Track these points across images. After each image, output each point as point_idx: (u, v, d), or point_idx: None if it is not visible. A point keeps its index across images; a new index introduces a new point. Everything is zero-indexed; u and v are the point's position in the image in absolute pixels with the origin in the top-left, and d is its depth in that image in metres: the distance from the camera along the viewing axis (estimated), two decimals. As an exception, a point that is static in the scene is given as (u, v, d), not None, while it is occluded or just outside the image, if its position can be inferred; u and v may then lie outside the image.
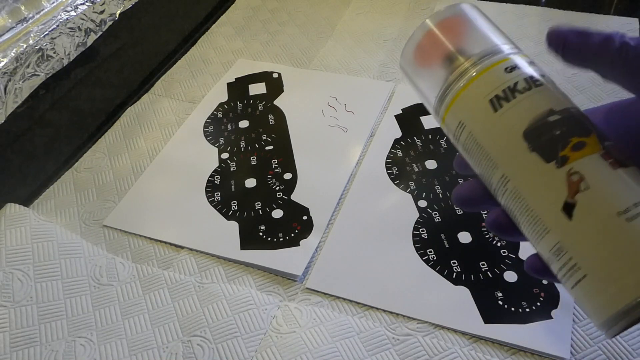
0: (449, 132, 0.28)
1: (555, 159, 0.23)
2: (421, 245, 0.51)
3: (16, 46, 0.53)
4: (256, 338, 0.45)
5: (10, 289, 0.47)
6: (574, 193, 0.23)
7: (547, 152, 0.24)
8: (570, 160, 0.23)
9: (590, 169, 0.23)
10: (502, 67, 0.26)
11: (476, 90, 0.26)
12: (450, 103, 0.27)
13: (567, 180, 0.23)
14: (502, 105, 0.25)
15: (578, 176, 0.23)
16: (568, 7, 0.79)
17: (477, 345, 0.44)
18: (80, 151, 0.64)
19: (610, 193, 0.22)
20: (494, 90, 0.25)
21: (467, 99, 0.26)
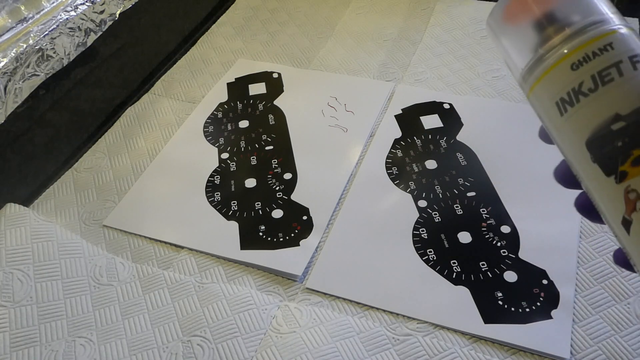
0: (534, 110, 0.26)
1: (614, 174, 0.22)
2: (421, 245, 0.51)
3: (16, 46, 0.53)
4: (256, 338, 0.45)
5: (10, 289, 0.47)
6: (631, 211, 0.22)
7: (607, 166, 0.23)
8: (629, 177, 0.22)
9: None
10: (569, 62, 0.23)
11: (545, 89, 0.24)
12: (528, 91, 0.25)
13: (624, 197, 0.22)
14: (567, 110, 0.23)
15: (635, 195, 0.22)
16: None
17: (477, 345, 0.44)
18: (80, 151, 0.64)
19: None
20: (560, 92, 0.24)
21: (539, 95, 0.25)
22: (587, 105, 0.23)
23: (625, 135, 0.22)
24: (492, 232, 0.52)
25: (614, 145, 0.22)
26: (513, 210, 0.53)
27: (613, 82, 0.23)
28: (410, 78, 0.71)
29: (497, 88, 0.68)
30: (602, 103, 0.23)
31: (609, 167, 0.22)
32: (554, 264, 0.48)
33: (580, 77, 0.23)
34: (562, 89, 0.24)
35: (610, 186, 0.22)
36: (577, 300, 0.47)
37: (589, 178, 0.24)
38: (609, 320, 0.45)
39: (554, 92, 0.24)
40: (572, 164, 0.24)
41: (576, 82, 0.23)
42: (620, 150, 0.22)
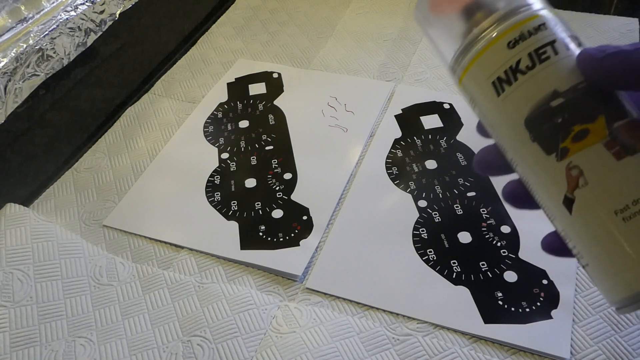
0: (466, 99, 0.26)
1: (555, 152, 0.22)
2: (421, 245, 0.51)
3: (16, 46, 0.53)
4: (256, 338, 0.45)
5: (10, 289, 0.47)
6: (574, 188, 0.22)
7: (547, 144, 0.22)
8: (570, 153, 0.22)
9: (590, 162, 0.22)
10: (505, 40, 0.23)
11: (480, 70, 0.24)
12: (460, 76, 0.25)
13: (566, 174, 0.22)
14: (504, 89, 0.23)
15: (577, 171, 0.22)
16: (568, 7, 0.79)
17: (477, 345, 0.44)
18: (80, 151, 0.64)
19: (609, 190, 0.21)
20: (496, 72, 0.23)
21: (473, 77, 0.24)
22: (524, 83, 0.23)
23: (565, 111, 0.22)
24: (492, 232, 0.52)
25: (553, 122, 0.22)
26: (513, 210, 0.53)
27: (549, 60, 0.23)
28: (410, 78, 0.71)
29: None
30: (540, 80, 0.23)
31: (550, 145, 0.22)
32: (554, 264, 0.48)
33: (517, 55, 0.23)
34: (498, 68, 0.23)
35: (551, 165, 0.22)
36: (577, 300, 0.47)
37: (527, 160, 0.23)
38: (609, 320, 0.45)
39: (489, 72, 0.24)
40: (509, 148, 0.24)
41: (513, 60, 0.23)
42: (560, 126, 0.22)
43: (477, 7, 0.24)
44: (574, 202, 0.22)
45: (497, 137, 0.25)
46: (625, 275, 0.21)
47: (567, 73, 0.22)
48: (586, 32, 0.74)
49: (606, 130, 0.21)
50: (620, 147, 0.21)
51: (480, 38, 0.24)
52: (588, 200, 0.22)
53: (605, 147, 0.21)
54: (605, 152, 0.21)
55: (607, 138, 0.21)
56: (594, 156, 0.21)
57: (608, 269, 0.22)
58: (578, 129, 0.22)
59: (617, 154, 0.21)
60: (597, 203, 0.21)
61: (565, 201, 0.22)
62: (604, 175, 0.21)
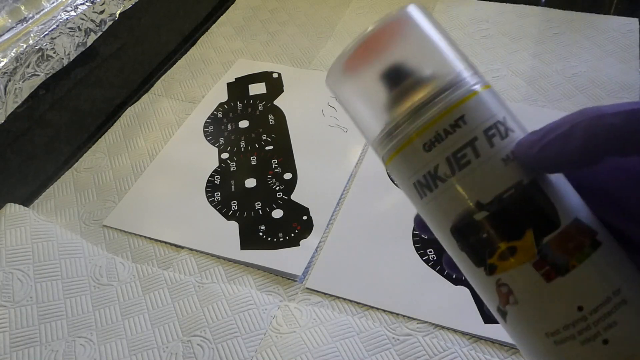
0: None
1: (483, 266, 0.21)
2: (421, 245, 0.51)
3: (16, 46, 0.53)
4: (256, 338, 0.45)
5: (10, 289, 0.47)
6: (505, 303, 0.21)
7: (475, 257, 0.21)
8: (498, 270, 0.20)
9: (519, 283, 0.20)
10: (420, 141, 0.21)
11: (400, 168, 0.22)
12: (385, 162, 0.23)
13: (496, 290, 0.21)
14: (426, 194, 0.21)
15: (507, 288, 0.20)
16: (568, 7, 0.79)
17: (477, 345, 0.44)
18: (80, 151, 0.64)
19: (539, 312, 0.20)
20: (415, 175, 0.21)
21: (396, 169, 0.22)
22: (446, 191, 0.21)
23: (490, 226, 0.20)
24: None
25: (479, 237, 0.20)
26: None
27: (470, 166, 0.20)
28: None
29: (497, 88, 0.67)
30: (461, 190, 0.21)
31: (477, 258, 0.21)
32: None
33: (434, 160, 0.21)
34: (417, 171, 0.21)
35: (482, 276, 0.21)
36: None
37: (459, 263, 0.22)
38: (609, 320, 0.45)
39: (409, 173, 0.22)
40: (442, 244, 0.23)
41: (431, 165, 0.21)
42: (485, 242, 0.20)
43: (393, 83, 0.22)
44: (507, 315, 0.21)
45: None
46: None
47: (491, 179, 0.20)
48: (586, 32, 0.74)
49: (534, 248, 0.20)
50: (551, 267, 0.20)
51: (397, 133, 0.22)
52: (519, 319, 0.21)
53: (534, 267, 0.20)
54: (534, 273, 0.20)
55: (535, 257, 0.20)
56: (523, 277, 0.20)
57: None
58: (504, 247, 0.20)
59: (546, 274, 0.20)
60: (528, 323, 0.20)
61: (499, 311, 0.21)
62: (534, 297, 0.20)
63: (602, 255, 0.20)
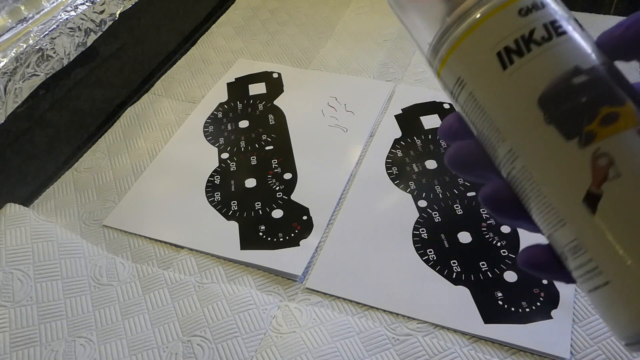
0: (446, 87, 0.22)
1: (578, 135, 0.18)
2: (421, 245, 0.51)
3: (16, 46, 0.53)
4: (256, 338, 0.45)
5: (10, 289, 0.47)
6: (601, 181, 0.18)
7: (568, 126, 0.19)
8: (597, 138, 0.18)
9: (624, 150, 0.18)
10: (516, 7, 0.20)
11: (480, 39, 0.20)
12: (446, 54, 0.21)
13: (592, 164, 0.18)
14: (514, 61, 0.20)
15: (607, 159, 0.18)
16: (568, 7, 0.79)
17: (477, 345, 0.44)
18: (80, 151, 0.64)
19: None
20: (504, 40, 0.20)
21: (468, 50, 0.21)
22: (540, 56, 0.19)
23: (591, 89, 0.19)
24: (492, 232, 0.52)
25: (577, 102, 0.19)
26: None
27: (567, 35, 0.20)
28: (410, 78, 0.71)
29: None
30: (558, 54, 0.19)
31: (571, 128, 0.19)
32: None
33: (530, 24, 0.20)
34: (507, 37, 0.20)
35: (571, 152, 0.19)
36: (577, 300, 0.47)
37: (537, 147, 0.19)
38: (609, 320, 0.45)
39: (494, 41, 0.20)
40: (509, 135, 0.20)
41: (526, 30, 0.20)
42: (584, 107, 0.19)
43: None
44: (601, 199, 0.18)
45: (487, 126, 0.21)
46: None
47: (588, 50, 0.20)
48: (586, 32, 0.74)
49: (637, 117, 0.18)
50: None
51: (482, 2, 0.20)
52: (620, 196, 0.18)
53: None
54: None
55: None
56: (628, 142, 0.18)
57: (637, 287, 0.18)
58: (606, 111, 0.18)
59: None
60: (633, 199, 0.18)
61: (587, 198, 0.18)
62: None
63: None
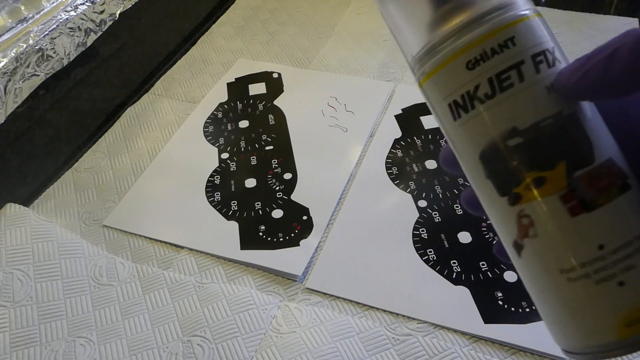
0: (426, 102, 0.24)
1: (508, 195, 0.21)
2: (421, 245, 0.51)
3: (16, 46, 0.53)
4: (256, 338, 0.45)
5: (10, 289, 0.47)
6: (523, 236, 0.21)
7: (500, 185, 0.21)
8: (522, 201, 0.20)
9: (542, 215, 0.20)
10: (465, 59, 0.20)
11: (438, 84, 0.22)
12: (421, 81, 0.22)
13: (517, 221, 0.21)
14: (461, 115, 0.21)
15: (528, 220, 0.20)
16: (568, 7, 0.79)
17: (477, 345, 0.44)
18: (80, 151, 0.64)
19: (558, 247, 0.20)
20: (453, 94, 0.21)
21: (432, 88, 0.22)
22: (482, 113, 0.20)
23: (522, 153, 0.20)
24: (492, 232, 0.52)
25: (509, 164, 0.20)
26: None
27: (512, 89, 0.20)
28: (410, 78, 0.70)
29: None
30: (498, 113, 0.20)
31: (503, 187, 0.21)
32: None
33: (476, 79, 0.20)
34: (455, 90, 0.21)
35: (504, 206, 0.21)
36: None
37: (481, 193, 0.22)
38: (609, 320, 0.45)
39: (446, 92, 0.21)
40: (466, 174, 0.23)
41: (471, 85, 0.20)
42: (515, 170, 0.20)
43: (445, 6, 0.21)
44: (523, 249, 0.21)
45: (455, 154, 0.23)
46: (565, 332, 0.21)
47: (531, 106, 0.20)
48: (586, 32, 0.74)
49: (565, 180, 0.20)
50: (578, 202, 0.19)
51: (441, 48, 0.21)
52: (536, 253, 0.21)
53: (561, 200, 0.20)
54: (560, 206, 0.20)
55: (564, 190, 0.20)
56: (548, 209, 0.20)
57: (551, 319, 0.21)
58: (533, 177, 0.20)
59: (572, 209, 0.19)
60: (544, 258, 0.20)
61: (515, 244, 0.21)
62: (555, 231, 0.20)
63: (629, 199, 0.20)
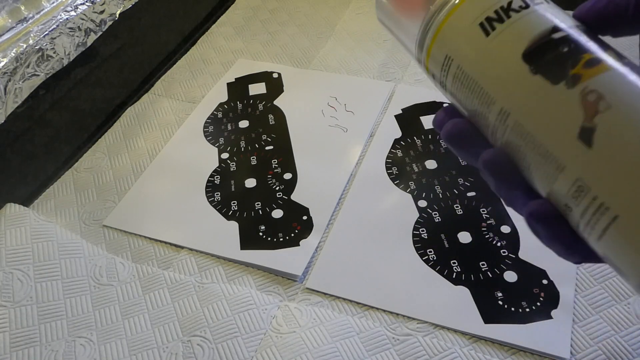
0: (435, 78, 0.24)
1: (564, 79, 0.20)
2: (421, 245, 0.51)
3: (16, 46, 0.53)
4: (256, 338, 0.45)
5: (10, 289, 0.47)
6: (593, 115, 0.19)
7: (553, 72, 0.20)
8: (583, 79, 0.19)
9: (610, 84, 0.19)
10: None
11: (462, 17, 0.23)
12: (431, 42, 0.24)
13: (581, 101, 0.19)
14: (495, 28, 0.22)
15: (595, 95, 0.19)
16: (568, 7, 0.79)
17: (477, 345, 0.44)
18: (80, 151, 0.64)
19: (637, 109, 0.18)
20: (484, 12, 0.22)
21: (452, 29, 0.23)
22: (519, 20, 0.21)
23: (571, 41, 0.21)
24: (492, 232, 0.52)
25: (559, 52, 0.20)
26: (513, 210, 0.53)
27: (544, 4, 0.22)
28: (410, 78, 0.71)
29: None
30: (536, 17, 0.21)
31: (557, 74, 0.20)
32: (554, 264, 0.48)
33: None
34: (488, 9, 0.22)
35: (560, 94, 0.20)
36: (577, 300, 0.47)
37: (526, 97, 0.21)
38: (609, 320, 0.45)
39: (477, 14, 0.22)
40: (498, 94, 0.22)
41: (505, 1, 0.22)
42: (567, 54, 0.20)
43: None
44: (595, 131, 0.19)
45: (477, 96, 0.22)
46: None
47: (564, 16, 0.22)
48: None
49: (618, 60, 0.20)
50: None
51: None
52: (614, 125, 0.18)
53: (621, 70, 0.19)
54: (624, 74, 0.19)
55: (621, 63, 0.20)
56: (614, 79, 0.19)
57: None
58: (588, 57, 0.20)
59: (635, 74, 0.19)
60: (626, 126, 0.18)
61: (582, 133, 0.19)
62: (629, 94, 0.19)
63: None
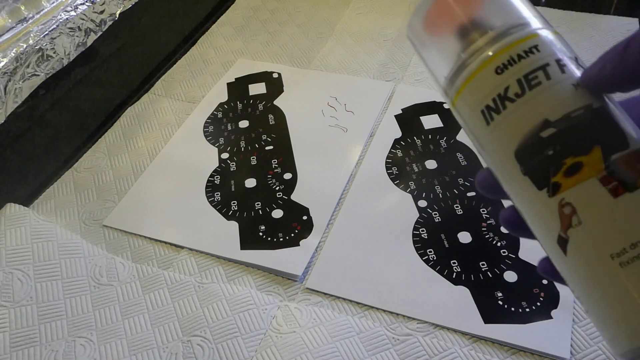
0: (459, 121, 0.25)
1: (547, 186, 0.20)
2: (421, 245, 0.51)
3: (16, 46, 0.53)
4: (256, 338, 0.45)
5: (10, 289, 0.47)
6: (567, 227, 0.20)
7: (538, 178, 0.21)
8: (562, 189, 0.20)
9: (584, 199, 0.20)
10: (493, 66, 0.22)
11: (470, 95, 0.23)
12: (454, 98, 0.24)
13: (559, 212, 0.20)
14: (493, 118, 0.22)
15: (570, 208, 0.20)
16: (568, 7, 0.79)
17: (477, 345, 0.44)
18: (80, 151, 0.64)
19: (604, 231, 0.19)
20: (484, 99, 0.22)
21: (465, 101, 0.23)
22: (514, 112, 0.21)
23: (556, 142, 0.20)
24: (492, 232, 0.52)
25: (544, 155, 0.21)
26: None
27: (540, 86, 0.21)
28: (410, 78, 0.71)
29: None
30: (529, 109, 0.21)
31: (541, 179, 0.21)
32: (554, 264, 0.48)
33: (505, 82, 0.21)
34: (487, 96, 0.22)
35: (543, 201, 0.21)
36: (577, 301, 0.47)
37: (519, 193, 0.22)
38: (609, 320, 0.45)
39: (478, 100, 0.22)
40: (501, 180, 0.23)
41: (502, 87, 0.21)
42: (551, 159, 0.20)
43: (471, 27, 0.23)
44: (568, 243, 0.20)
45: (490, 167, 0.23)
46: (628, 326, 0.19)
47: (560, 100, 0.21)
48: (586, 32, 0.74)
49: (602, 163, 0.20)
50: (618, 183, 0.19)
51: (471, 60, 0.22)
52: (582, 242, 0.20)
53: (601, 182, 0.19)
54: (601, 188, 0.19)
55: (603, 172, 0.19)
56: (588, 193, 0.20)
57: (609, 317, 0.20)
58: (570, 162, 0.20)
59: (613, 190, 0.19)
60: (592, 245, 0.20)
61: (559, 241, 0.20)
62: (599, 214, 0.20)
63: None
